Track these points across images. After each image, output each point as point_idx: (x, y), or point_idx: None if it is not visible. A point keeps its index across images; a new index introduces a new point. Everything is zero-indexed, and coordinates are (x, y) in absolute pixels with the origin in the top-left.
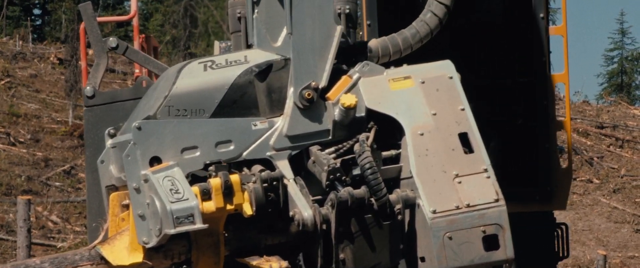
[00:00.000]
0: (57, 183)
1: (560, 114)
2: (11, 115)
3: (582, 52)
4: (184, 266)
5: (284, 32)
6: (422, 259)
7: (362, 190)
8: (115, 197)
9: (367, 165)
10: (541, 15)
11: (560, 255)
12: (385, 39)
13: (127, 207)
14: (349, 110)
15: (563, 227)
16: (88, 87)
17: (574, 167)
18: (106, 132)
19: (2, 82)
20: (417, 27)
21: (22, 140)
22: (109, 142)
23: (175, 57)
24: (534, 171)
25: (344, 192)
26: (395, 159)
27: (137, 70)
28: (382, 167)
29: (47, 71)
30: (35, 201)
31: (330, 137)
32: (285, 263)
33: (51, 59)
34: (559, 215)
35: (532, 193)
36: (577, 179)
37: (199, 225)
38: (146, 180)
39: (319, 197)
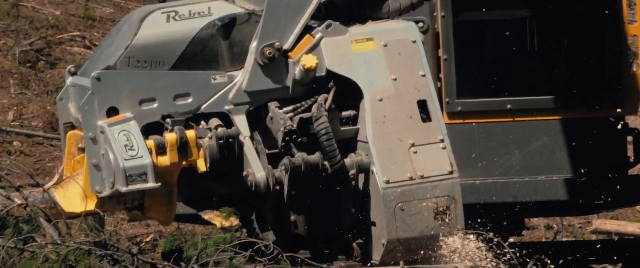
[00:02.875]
0: None
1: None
2: (87, 19)
3: None
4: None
5: None
6: (373, 224)
7: (316, 156)
8: (72, 136)
9: (323, 131)
10: None
11: (632, 160)
12: None
13: (83, 150)
14: (309, 71)
15: (635, 132)
16: None
17: None
18: (67, 69)
19: None
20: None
21: (97, 43)
22: (68, 80)
23: None
24: (605, 76)
25: (298, 157)
26: (353, 120)
27: None
28: (340, 128)
29: None
30: None
31: (289, 94)
32: (236, 220)
33: None
34: (635, 120)
35: (603, 98)
36: None
37: (151, 183)
38: (102, 132)
39: (275, 150)
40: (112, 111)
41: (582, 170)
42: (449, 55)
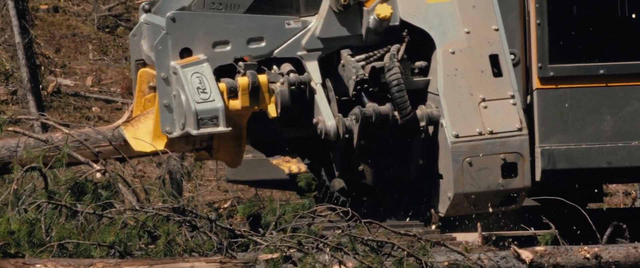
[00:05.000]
0: None
1: None
2: None
3: None
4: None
5: None
6: (441, 176)
7: (387, 107)
8: (144, 73)
9: (395, 82)
10: None
11: None
12: None
13: (154, 88)
14: (383, 20)
15: None
16: None
17: None
18: (141, 6)
19: None
20: None
21: None
22: (142, 17)
23: None
24: None
25: (369, 107)
26: (425, 71)
27: None
28: (411, 79)
29: None
30: None
31: (362, 43)
32: (304, 167)
33: None
34: None
35: None
36: None
37: (222, 128)
38: (175, 73)
39: (346, 97)
40: (185, 52)
41: None
42: (542, 20)
